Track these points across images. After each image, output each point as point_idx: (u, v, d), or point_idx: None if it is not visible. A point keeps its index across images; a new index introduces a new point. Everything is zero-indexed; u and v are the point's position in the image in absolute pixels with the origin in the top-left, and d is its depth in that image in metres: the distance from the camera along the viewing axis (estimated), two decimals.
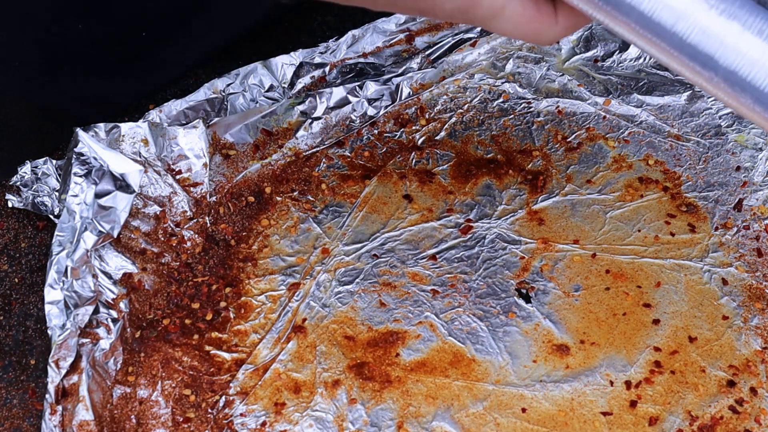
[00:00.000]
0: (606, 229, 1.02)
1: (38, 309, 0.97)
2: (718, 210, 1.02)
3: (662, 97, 1.11)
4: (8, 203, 1.02)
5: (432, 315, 0.95)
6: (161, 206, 1.00)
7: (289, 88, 1.11)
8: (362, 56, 1.14)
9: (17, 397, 0.92)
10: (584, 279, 0.98)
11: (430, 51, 1.14)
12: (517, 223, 1.02)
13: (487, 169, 1.07)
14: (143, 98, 1.12)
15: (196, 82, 1.13)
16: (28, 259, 1.00)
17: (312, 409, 0.89)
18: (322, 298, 0.97)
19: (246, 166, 1.05)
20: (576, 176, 1.06)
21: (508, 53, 1.14)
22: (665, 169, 1.06)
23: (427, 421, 0.89)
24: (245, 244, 1.00)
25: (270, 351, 0.93)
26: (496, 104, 1.12)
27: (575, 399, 0.90)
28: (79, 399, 0.87)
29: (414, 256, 1.00)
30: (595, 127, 1.10)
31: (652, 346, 0.93)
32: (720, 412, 0.89)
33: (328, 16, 1.22)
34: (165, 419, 0.88)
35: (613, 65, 1.14)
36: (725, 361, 0.92)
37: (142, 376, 0.90)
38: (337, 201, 1.04)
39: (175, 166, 1.03)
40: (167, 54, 1.12)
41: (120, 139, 1.01)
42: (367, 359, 0.92)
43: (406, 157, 1.07)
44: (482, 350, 0.93)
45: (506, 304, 0.96)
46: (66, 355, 0.88)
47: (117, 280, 0.94)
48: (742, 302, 0.96)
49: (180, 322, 0.94)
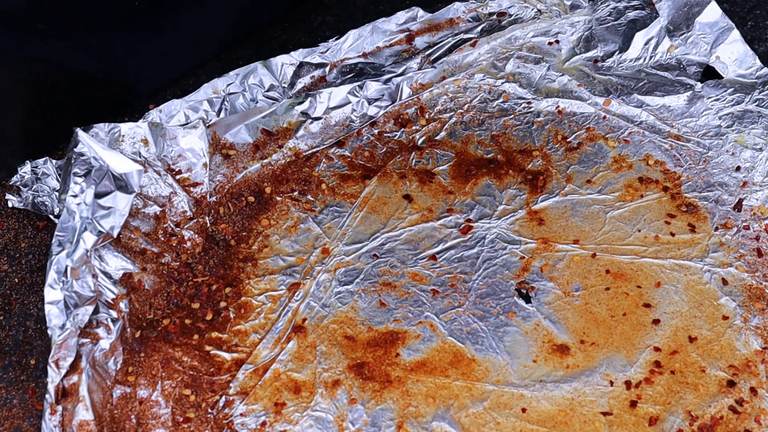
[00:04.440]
0: (606, 229, 1.02)
1: (38, 309, 0.97)
2: (718, 210, 1.02)
3: (662, 98, 1.11)
4: (8, 203, 1.02)
5: (432, 315, 0.95)
6: (161, 206, 1.00)
7: (289, 88, 1.11)
8: (362, 56, 1.14)
9: (17, 397, 0.92)
10: (584, 279, 0.98)
11: (430, 51, 1.14)
12: (517, 223, 1.02)
13: (487, 169, 1.07)
14: (143, 98, 1.12)
15: (196, 82, 1.13)
16: (28, 259, 1.01)
17: (312, 409, 0.89)
18: (322, 298, 0.97)
19: (246, 166, 1.05)
20: (576, 176, 1.06)
21: (508, 53, 1.14)
22: (665, 169, 1.06)
23: (427, 421, 0.89)
24: (245, 244, 1.00)
25: (270, 351, 0.93)
26: (496, 104, 1.12)
27: (575, 399, 0.90)
28: (79, 399, 0.87)
29: (414, 256, 1.00)
30: (595, 127, 1.10)
31: (652, 346, 0.93)
32: (720, 412, 0.89)
33: (328, 16, 1.22)
34: (165, 419, 0.88)
35: (613, 65, 1.14)
36: (725, 361, 0.92)
37: (142, 376, 0.90)
38: (337, 201, 1.04)
39: (175, 166, 1.03)
40: (167, 54, 1.12)
41: (120, 139, 1.01)
42: (367, 359, 0.92)
43: (406, 157, 1.07)
44: (482, 350, 0.93)
45: (506, 304, 0.96)
46: (66, 355, 0.88)
47: (117, 280, 0.94)
48: (742, 302, 0.96)
49: (180, 322, 0.94)
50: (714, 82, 1.12)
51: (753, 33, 1.19)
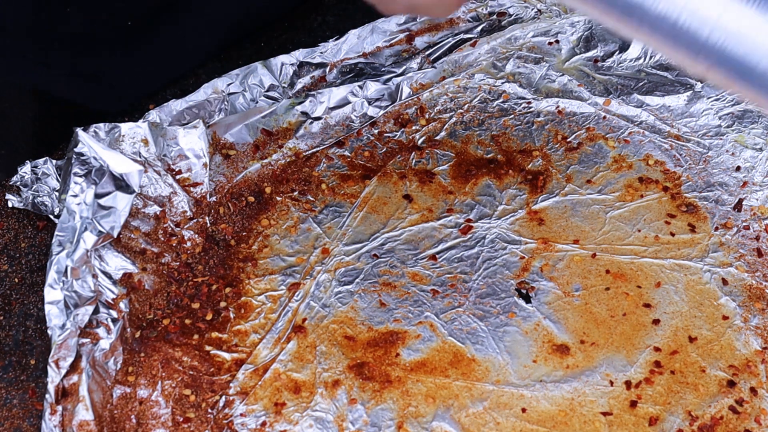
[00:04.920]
0: (606, 229, 1.01)
1: (38, 309, 0.97)
2: (718, 210, 1.02)
3: (662, 97, 1.11)
4: (8, 203, 1.02)
5: (432, 315, 0.95)
6: (161, 206, 1.00)
7: (289, 88, 1.11)
8: (362, 56, 1.14)
9: (17, 397, 0.92)
10: (584, 279, 0.98)
11: (430, 51, 1.14)
12: (517, 223, 1.02)
13: (487, 169, 1.07)
14: (143, 98, 1.12)
15: (196, 82, 1.13)
16: (28, 259, 1.00)
17: (312, 409, 0.89)
18: (322, 298, 0.97)
19: (246, 166, 1.05)
20: (576, 176, 1.06)
21: (508, 53, 1.14)
22: (665, 169, 1.06)
23: (427, 421, 0.89)
24: (245, 244, 1.00)
25: (270, 351, 0.93)
26: (496, 104, 1.12)
27: (575, 399, 0.90)
28: (79, 399, 0.87)
29: (414, 256, 1.00)
30: (595, 127, 1.10)
31: (652, 346, 0.93)
32: (720, 412, 0.89)
33: (328, 16, 1.22)
34: (165, 419, 0.88)
35: (613, 65, 1.14)
36: (725, 361, 0.92)
37: (142, 376, 0.90)
38: (337, 201, 1.04)
39: (175, 166, 1.02)
40: (167, 54, 1.12)
41: (120, 139, 1.01)
42: (367, 359, 0.92)
43: (406, 157, 1.07)
44: (482, 350, 0.93)
45: (506, 304, 0.96)
46: (66, 355, 0.87)
47: (117, 280, 0.94)
48: (742, 302, 0.96)
49: (180, 322, 0.94)
50: None
51: None
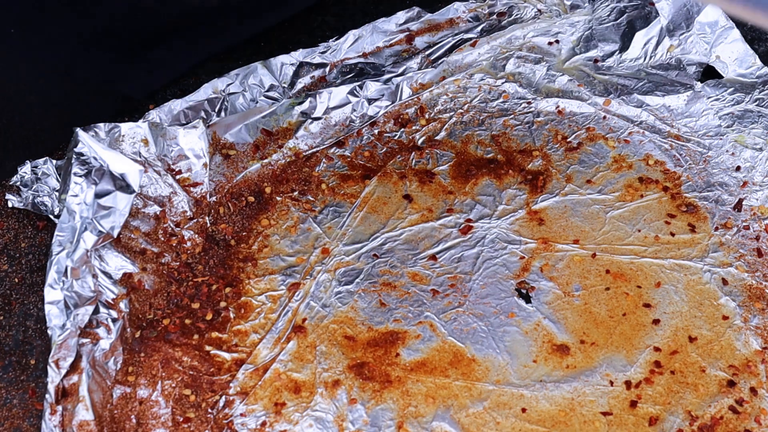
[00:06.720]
0: (606, 229, 1.01)
1: (38, 309, 0.97)
2: (718, 210, 1.02)
3: (662, 97, 1.11)
4: (8, 203, 1.02)
5: (432, 315, 0.95)
6: (161, 206, 1.00)
7: (289, 88, 1.11)
8: (362, 56, 1.14)
9: (17, 397, 0.92)
10: (584, 279, 0.98)
11: (430, 51, 1.14)
12: (517, 223, 1.02)
13: (487, 169, 1.07)
14: (143, 98, 1.12)
15: (196, 82, 1.13)
16: (28, 259, 1.00)
17: (312, 409, 0.89)
18: (322, 298, 0.97)
19: (246, 166, 1.05)
20: (576, 176, 1.06)
21: (508, 53, 1.14)
22: (665, 169, 1.06)
23: (427, 421, 0.89)
24: (245, 244, 1.00)
25: (270, 351, 0.93)
26: (496, 104, 1.12)
27: (575, 399, 0.90)
28: (79, 399, 0.87)
29: (414, 256, 1.00)
30: (595, 127, 1.10)
31: (652, 346, 0.93)
32: (720, 412, 0.89)
33: (328, 16, 1.22)
34: (165, 419, 0.88)
35: (613, 65, 1.14)
36: (725, 361, 0.92)
37: (142, 376, 0.90)
38: (337, 201, 1.04)
39: (175, 166, 1.03)
40: (167, 54, 1.12)
41: (120, 139, 1.01)
42: (367, 359, 0.92)
43: (406, 157, 1.07)
44: (482, 350, 0.93)
45: (506, 304, 0.96)
46: (66, 355, 0.88)
47: (117, 280, 0.94)
48: (742, 302, 0.96)
49: (180, 322, 0.94)
50: (714, 81, 1.12)
51: (753, 32, 1.19)
